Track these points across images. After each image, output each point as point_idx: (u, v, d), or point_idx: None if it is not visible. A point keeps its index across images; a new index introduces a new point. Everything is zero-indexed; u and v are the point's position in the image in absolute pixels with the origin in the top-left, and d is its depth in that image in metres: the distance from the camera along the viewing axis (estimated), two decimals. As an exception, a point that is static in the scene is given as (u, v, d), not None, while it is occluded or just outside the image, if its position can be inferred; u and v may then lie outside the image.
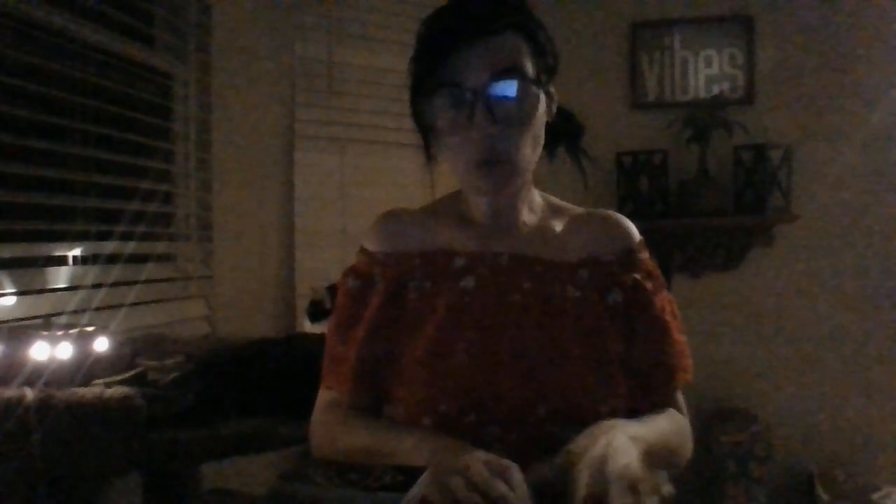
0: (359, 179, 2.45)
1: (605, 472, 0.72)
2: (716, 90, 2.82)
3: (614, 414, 0.90)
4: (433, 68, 0.91)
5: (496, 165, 0.90)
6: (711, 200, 2.68)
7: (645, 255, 1.00)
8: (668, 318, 0.98)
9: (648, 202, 2.73)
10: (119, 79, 1.74)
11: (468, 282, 0.94)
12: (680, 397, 1.00)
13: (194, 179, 2.02)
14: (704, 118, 2.66)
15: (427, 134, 0.98)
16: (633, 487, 0.71)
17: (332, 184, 2.42)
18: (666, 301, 0.99)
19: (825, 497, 2.61)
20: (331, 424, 0.97)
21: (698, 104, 2.75)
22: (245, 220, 2.18)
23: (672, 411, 0.97)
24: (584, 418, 0.87)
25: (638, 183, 2.75)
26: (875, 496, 2.58)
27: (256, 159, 2.24)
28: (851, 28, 2.76)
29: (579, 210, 1.04)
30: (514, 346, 0.90)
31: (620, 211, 1.05)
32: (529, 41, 0.93)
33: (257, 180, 2.25)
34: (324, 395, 1.01)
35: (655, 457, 0.82)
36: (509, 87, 0.89)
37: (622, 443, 0.77)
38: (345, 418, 0.96)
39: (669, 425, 0.94)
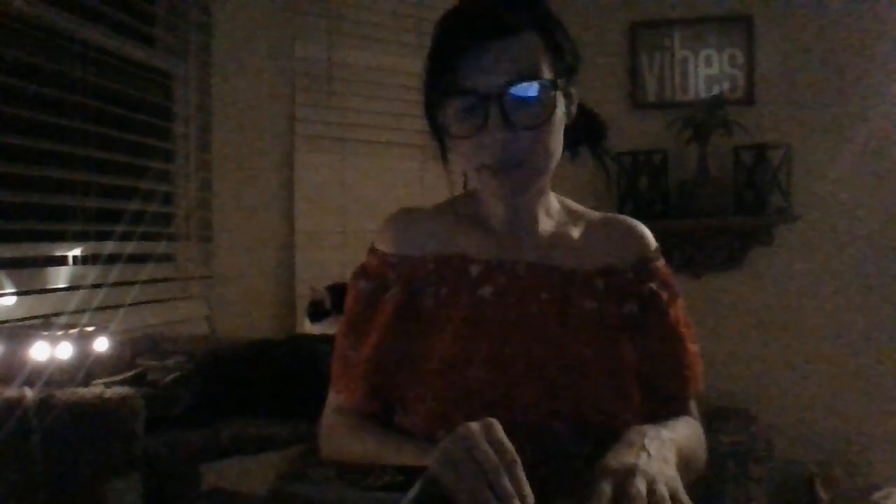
0: (359, 179, 2.45)
1: (629, 487, 0.70)
2: (716, 90, 2.82)
3: (628, 427, 0.89)
4: (447, 71, 0.88)
5: (512, 169, 0.88)
6: (711, 200, 2.68)
7: (660, 262, 0.99)
8: (683, 328, 0.96)
9: (648, 202, 2.73)
10: (119, 79, 1.74)
11: (485, 291, 0.92)
12: (694, 407, 0.99)
13: (194, 179, 2.02)
14: (704, 118, 2.66)
15: (442, 135, 0.95)
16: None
17: (332, 184, 2.42)
18: (680, 310, 0.98)
19: (825, 497, 2.61)
20: (340, 431, 0.95)
21: (698, 104, 2.75)
22: (245, 220, 2.18)
23: (689, 419, 0.96)
24: (600, 433, 0.86)
25: (638, 183, 2.75)
26: (875, 496, 2.58)
27: (256, 159, 2.24)
28: (851, 28, 2.76)
29: (596, 215, 1.02)
30: (531, 359, 0.88)
31: (620, 211, 1.05)
32: (547, 41, 0.90)
33: (257, 180, 2.25)
34: (333, 400, 0.99)
35: (682, 461, 0.82)
36: (526, 92, 0.86)
37: (657, 450, 0.76)
38: (354, 425, 0.94)
39: (689, 432, 0.92)
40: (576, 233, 0.99)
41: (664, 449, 0.78)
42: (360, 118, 2.45)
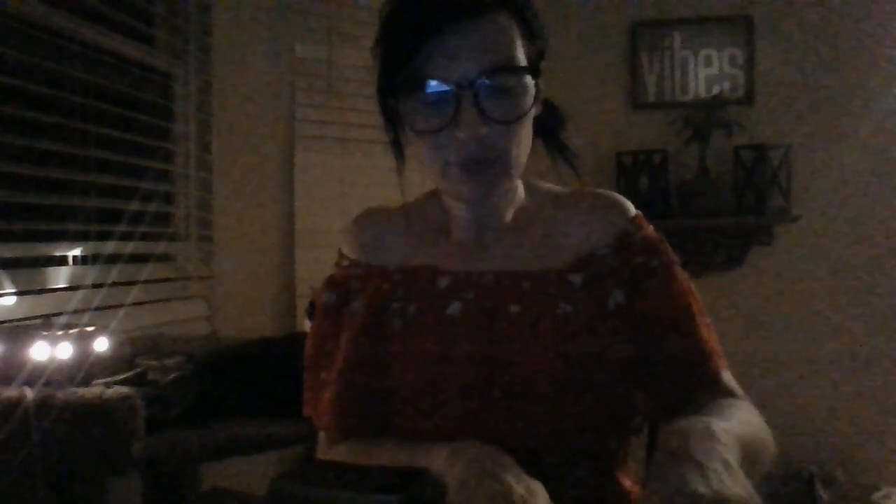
0: (359, 179, 2.45)
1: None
2: (716, 90, 2.82)
3: (625, 446, 0.85)
4: (409, 57, 0.77)
5: (484, 166, 0.79)
6: (711, 200, 2.68)
7: (644, 231, 0.88)
8: (688, 296, 0.86)
9: (648, 202, 2.73)
10: (119, 79, 1.74)
11: (454, 309, 0.84)
12: (730, 382, 0.84)
13: (194, 179, 2.02)
14: (704, 118, 2.66)
15: (397, 128, 0.86)
16: None
17: (332, 184, 2.42)
18: (680, 278, 0.87)
19: (825, 497, 2.61)
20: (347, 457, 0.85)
21: (698, 104, 2.76)
22: (245, 220, 2.18)
23: (734, 400, 0.81)
24: (595, 456, 0.81)
25: (638, 183, 2.75)
26: (875, 496, 2.58)
27: (256, 159, 2.24)
28: (851, 28, 2.76)
29: (566, 193, 0.92)
30: (507, 382, 0.79)
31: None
32: (521, 24, 0.80)
33: (257, 180, 2.25)
34: (323, 439, 0.91)
35: (748, 457, 0.66)
36: (502, 80, 0.76)
37: (710, 455, 0.59)
38: (356, 447, 0.85)
39: (744, 414, 0.76)
40: (547, 221, 0.89)
41: (723, 451, 0.61)
42: (360, 118, 2.45)
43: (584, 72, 2.87)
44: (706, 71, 2.86)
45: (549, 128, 0.93)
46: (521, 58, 0.79)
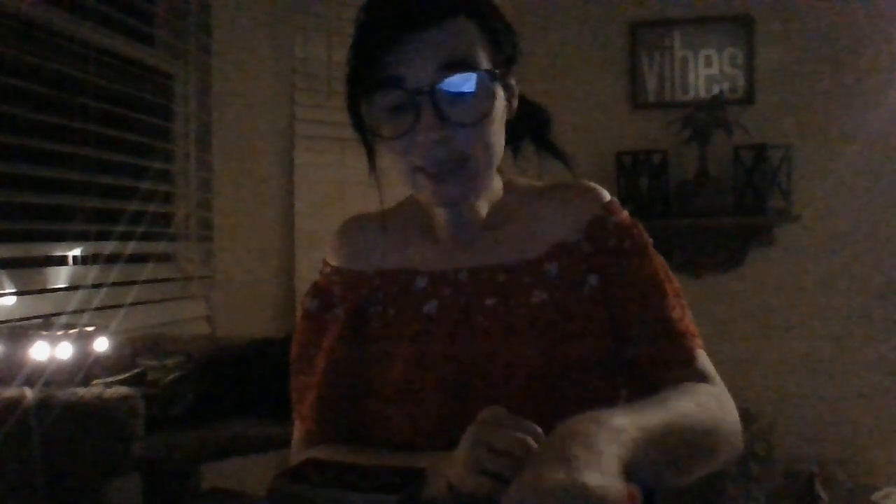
0: (359, 179, 2.45)
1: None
2: (716, 90, 2.82)
3: None
4: (372, 62, 0.78)
5: (450, 170, 0.79)
6: (711, 200, 2.68)
7: (617, 216, 0.88)
8: (662, 278, 0.86)
9: (648, 202, 2.73)
10: (119, 79, 1.74)
11: (431, 307, 0.86)
12: (703, 364, 0.83)
13: (194, 179, 2.02)
14: (704, 118, 2.66)
15: (368, 136, 0.87)
16: None
17: (332, 184, 2.42)
18: (654, 260, 0.87)
19: (825, 497, 2.61)
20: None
21: (698, 104, 2.75)
22: (245, 220, 2.18)
23: (690, 385, 0.78)
24: None
25: (638, 183, 2.75)
26: (875, 496, 2.58)
27: (256, 159, 2.24)
28: (851, 28, 2.76)
29: (541, 187, 0.93)
30: (486, 375, 0.80)
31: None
32: (483, 29, 0.81)
33: (257, 180, 2.25)
34: (300, 430, 0.93)
35: (662, 447, 0.66)
36: (460, 83, 0.77)
37: (586, 456, 0.57)
38: (332, 450, 0.86)
39: (685, 404, 0.73)
40: (523, 215, 0.89)
41: (603, 443, 0.59)
42: (360, 118, 2.45)
43: (584, 72, 2.87)
44: (706, 71, 2.86)
45: (536, 129, 0.93)
46: (481, 61, 0.79)
